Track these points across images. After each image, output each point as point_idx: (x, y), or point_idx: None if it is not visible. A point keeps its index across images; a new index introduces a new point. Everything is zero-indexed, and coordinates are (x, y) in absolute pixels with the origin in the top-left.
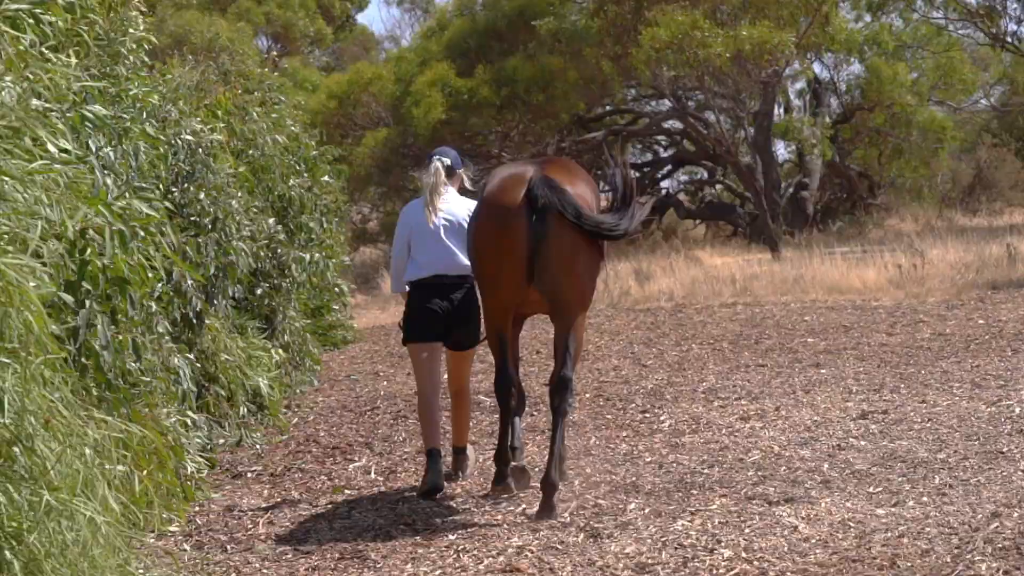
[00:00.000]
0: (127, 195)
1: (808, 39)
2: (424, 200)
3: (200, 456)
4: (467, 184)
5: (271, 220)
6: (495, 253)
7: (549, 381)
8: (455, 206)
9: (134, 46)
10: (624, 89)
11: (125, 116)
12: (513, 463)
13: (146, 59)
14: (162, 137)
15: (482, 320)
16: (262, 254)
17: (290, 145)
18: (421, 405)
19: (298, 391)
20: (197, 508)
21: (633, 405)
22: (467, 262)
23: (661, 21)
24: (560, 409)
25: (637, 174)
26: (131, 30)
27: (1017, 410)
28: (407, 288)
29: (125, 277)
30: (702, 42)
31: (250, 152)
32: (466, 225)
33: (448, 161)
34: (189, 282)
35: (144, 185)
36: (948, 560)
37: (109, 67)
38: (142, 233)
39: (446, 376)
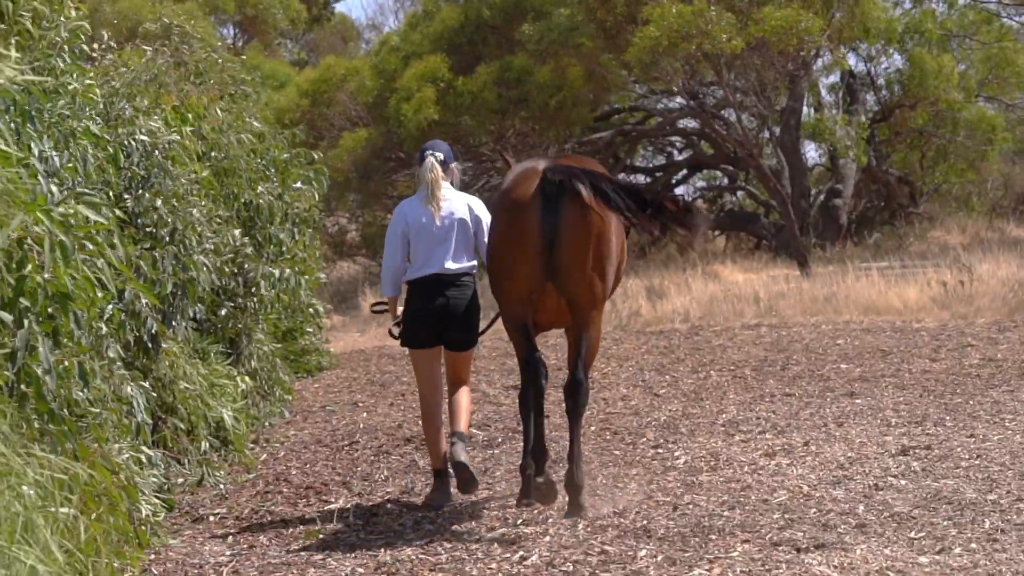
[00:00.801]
0: (70, 201)
1: (842, 30)
2: (424, 196)
3: (156, 497)
4: (456, 179)
5: (237, 231)
6: (510, 244)
7: (564, 385)
8: (454, 202)
9: (67, 35)
10: (631, 85)
11: (67, 113)
12: (538, 479)
13: (85, 48)
14: (107, 136)
15: (481, 322)
16: (226, 270)
17: (258, 146)
18: (424, 416)
19: (267, 424)
20: (153, 556)
21: (644, 439)
22: (468, 260)
23: (653, 16)
24: (575, 411)
25: (647, 179)
26: (63, 17)
27: None
28: (395, 292)
29: (68, 293)
30: (707, 32)
31: (212, 154)
32: (467, 221)
33: (440, 155)
34: (144, 301)
35: (89, 191)
36: None
37: (45, 59)
38: (89, 244)
39: (446, 374)
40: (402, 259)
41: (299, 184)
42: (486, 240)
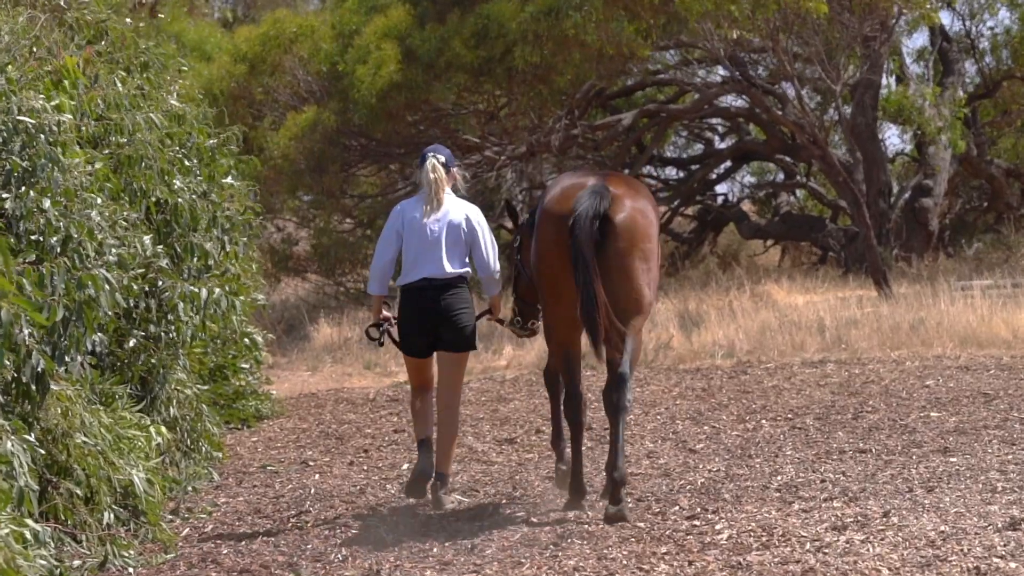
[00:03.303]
0: None
1: None
2: (425, 197)
3: None
4: (460, 184)
5: (147, 238)
6: (555, 261)
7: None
8: (452, 208)
9: None
10: (658, 52)
11: None
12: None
13: None
14: None
15: (478, 324)
16: (135, 288)
17: (175, 131)
18: (413, 402)
19: (190, 489)
20: None
21: (676, 508)
22: (460, 267)
23: None
24: (619, 405)
25: (680, 174)
26: None
27: None
28: (382, 291)
29: None
30: None
31: (112, 139)
32: (461, 228)
33: (442, 158)
34: (26, 329)
35: None
36: None
37: None
38: None
39: (436, 386)
40: (392, 257)
41: (230, 179)
42: (491, 251)
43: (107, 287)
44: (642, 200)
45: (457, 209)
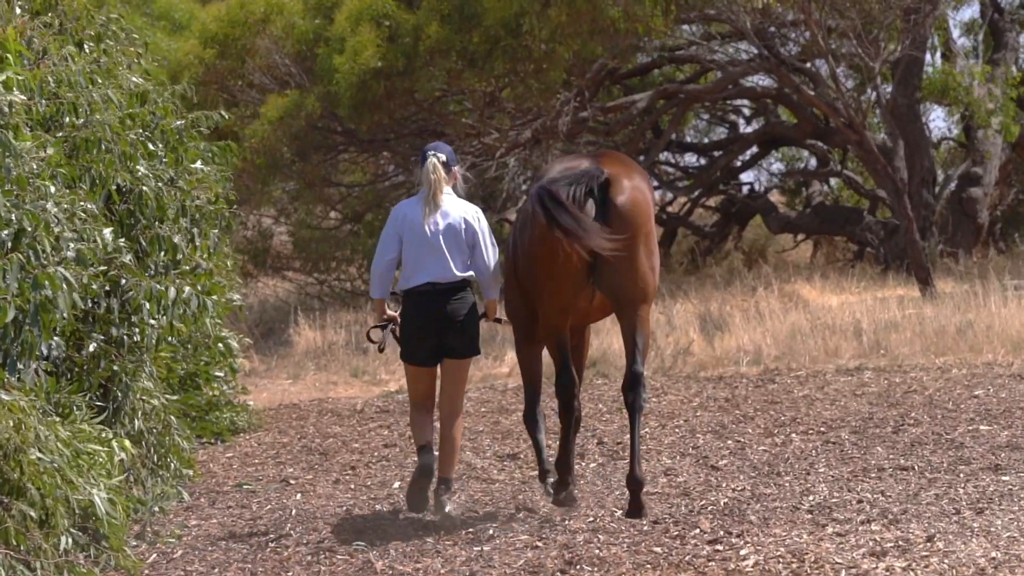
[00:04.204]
0: None
1: None
2: (424, 198)
3: None
4: (460, 185)
5: (108, 231)
6: (550, 250)
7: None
8: (453, 209)
9: None
10: (676, 25)
11: None
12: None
13: None
14: None
15: (481, 329)
16: (95, 287)
17: (137, 111)
18: (412, 413)
19: (157, 510)
20: None
21: (697, 531)
22: (463, 270)
23: None
24: (635, 405)
25: (701, 161)
26: None
27: None
28: (383, 294)
29: None
30: None
31: (67, 120)
32: (462, 229)
33: (444, 157)
34: None
35: None
36: None
37: None
38: None
39: (439, 392)
40: (392, 261)
41: (199, 164)
42: (491, 252)
43: (65, 287)
44: (637, 178)
45: (456, 209)
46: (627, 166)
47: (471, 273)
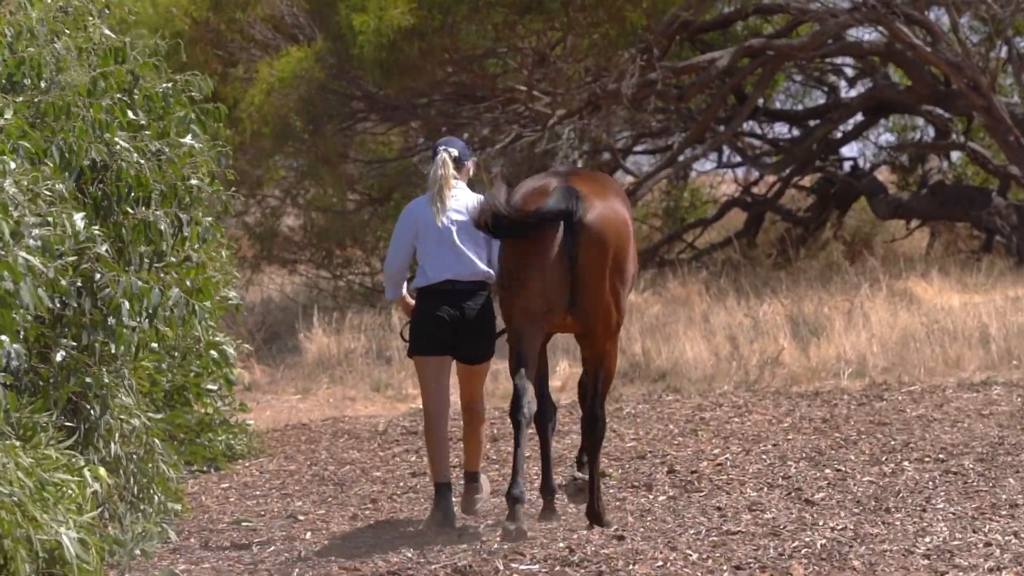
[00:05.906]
0: None
1: None
2: (431, 196)
3: None
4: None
5: (79, 217)
6: (523, 278)
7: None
8: (467, 203)
9: None
10: None
11: None
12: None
13: None
14: None
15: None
16: (64, 283)
17: (113, 71)
18: (427, 427)
19: (138, 552)
20: None
21: None
22: (483, 267)
23: None
24: (594, 447)
25: (794, 132)
26: None
27: None
28: (398, 293)
29: None
30: None
31: (27, 81)
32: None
33: (455, 152)
34: None
35: None
36: None
37: None
38: None
39: (457, 392)
40: (406, 264)
41: (189, 139)
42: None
43: (28, 280)
44: (611, 196)
45: (471, 203)
46: (601, 183)
47: (489, 271)
